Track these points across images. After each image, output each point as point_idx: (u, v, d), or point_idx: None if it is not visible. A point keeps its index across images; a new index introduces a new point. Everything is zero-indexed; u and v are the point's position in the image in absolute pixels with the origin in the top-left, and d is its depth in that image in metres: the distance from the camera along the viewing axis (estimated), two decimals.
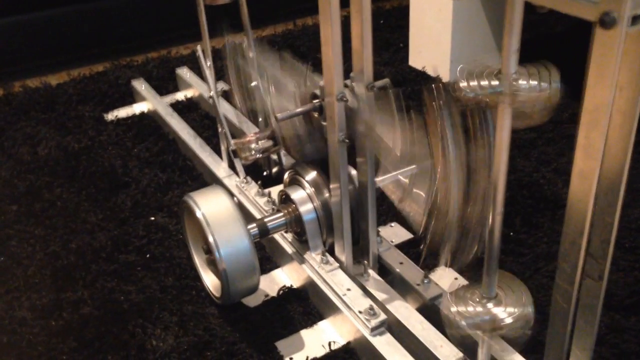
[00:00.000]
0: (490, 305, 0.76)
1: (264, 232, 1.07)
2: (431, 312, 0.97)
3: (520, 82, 0.62)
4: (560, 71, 0.62)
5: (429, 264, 1.12)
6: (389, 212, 1.26)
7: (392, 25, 2.11)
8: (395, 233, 1.20)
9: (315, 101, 0.98)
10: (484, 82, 0.65)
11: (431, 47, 1.78)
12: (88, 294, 1.11)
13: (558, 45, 1.84)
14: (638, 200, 1.24)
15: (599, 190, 0.58)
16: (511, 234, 1.18)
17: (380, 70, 1.82)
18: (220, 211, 1.00)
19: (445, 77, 1.76)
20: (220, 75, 1.36)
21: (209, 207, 1.00)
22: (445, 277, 1.06)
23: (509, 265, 1.11)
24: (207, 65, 1.26)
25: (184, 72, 1.79)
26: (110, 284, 1.13)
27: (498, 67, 0.64)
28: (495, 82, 0.63)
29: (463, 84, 0.64)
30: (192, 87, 1.73)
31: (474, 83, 0.65)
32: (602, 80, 0.52)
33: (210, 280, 1.08)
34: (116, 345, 1.01)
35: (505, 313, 0.75)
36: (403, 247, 1.14)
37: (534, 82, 0.61)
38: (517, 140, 1.45)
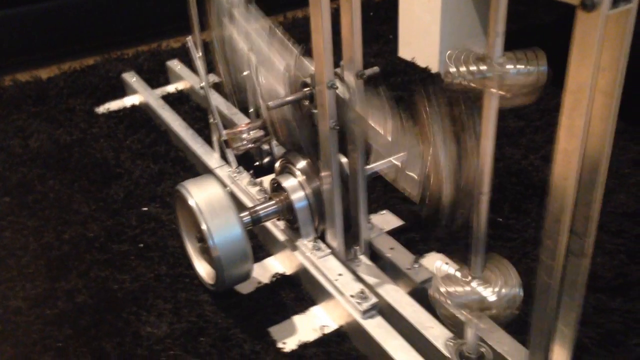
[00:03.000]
0: (478, 285, 0.77)
1: (257, 219, 1.08)
2: (422, 295, 0.98)
3: (507, 66, 0.63)
4: (549, 60, 0.64)
5: (420, 250, 1.14)
6: (379, 199, 1.28)
7: (382, 17, 2.12)
8: (386, 220, 1.22)
9: (305, 89, 0.99)
10: (472, 67, 0.66)
11: (420, 38, 1.79)
12: (82, 283, 1.12)
13: (546, 36, 1.86)
14: (624, 185, 1.26)
15: (582, 169, 0.60)
16: (500, 219, 1.20)
17: (370, 61, 1.83)
18: (213, 199, 1.01)
19: (435, 68, 1.77)
20: (211, 68, 1.37)
21: (202, 195, 1.01)
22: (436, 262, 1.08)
23: (497, 249, 1.12)
24: (197, 56, 1.27)
25: (175, 65, 1.80)
26: (104, 273, 1.14)
27: (485, 52, 0.65)
28: (482, 67, 0.65)
29: (452, 70, 0.66)
30: (183, 80, 1.73)
31: (462, 68, 0.66)
32: (584, 61, 0.54)
33: (203, 269, 1.09)
34: (111, 332, 1.02)
35: (492, 293, 0.76)
36: (394, 233, 1.16)
37: (520, 66, 0.63)
38: (506, 128, 1.47)
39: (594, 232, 0.62)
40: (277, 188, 1.11)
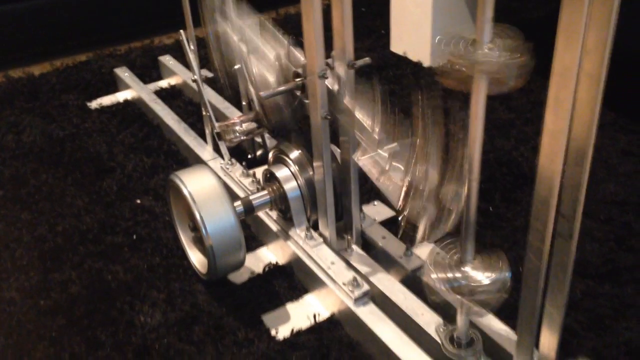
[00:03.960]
0: (468, 269, 0.79)
1: (249, 209, 1.09)
2: (414, 282, 0.99)
3: (495, 50, 0.64)
4: (540, 53, 0.65)
5: (412, 238, 1.15)
6: (371, 190, 1.29)
7: (374, 13, 2.14)
8: (378, 211, 1.23)
9: (297, 79, 1.00)
10: (460, 51, 0.67)
11: (412, 33, 1.80)
12: (76, 275, 1.13)
13: (537, 30, 1.87)
14: (613, 175, 1.27)
15: (569, 152, 0.61)
16: (490, 208, 1.21)
17: (363, 56, 1.84)
18: (206, 189, 1.02)
19: (426, 62, 1.78)
20: (204, 63, 1.37)
21: (195, 185, 1.02)
22: (428, 251, 1.09)
23: (488, 238, 1.14)
24: (190, 49, 1.28)
25: (167, 60, 1.80)
26: (97, 265, 1.14)
27: (473, 36, 0.66)
28: (471, 51, 0.66)
29: (442, 53, 0.67)
30: (176, 75, 1.74)
31: (450, 53, 0.67)
32: (570, 43, 0.55)
33: (196, 258, 1.10)
34: (105, 322, 1.03)
35: (483, 277, 0.78)
36: (386, 224, 1.17)
37: (508, 51, 0.64)
38: (497, 120, 1.48)
39: (580, 214, 0.63)
40: (270, 178, 1.12)
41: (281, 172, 1.09)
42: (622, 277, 1.05)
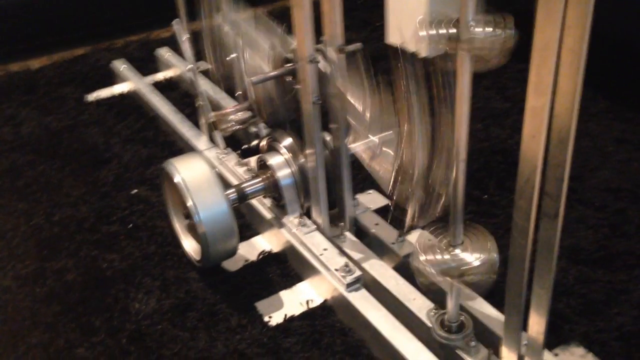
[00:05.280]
0: (457, 252, 0.79)
1: (243, 197, 1.09)
2: (406, 268, 1.00)
3: (477, 29, 0.65)
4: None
5: (402, 223, 1.15)
6: (366, 179, 1.29)
7: (371, 5, 2.14)
8: (373, 199, 1.23)
9: (288, 65, 1.00)
10: (443, 31, 0.68)
11: (408, 24, 1.80)
12: (72, 263, 1.13)
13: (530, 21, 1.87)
14: (608, 162, 1.27)
15: (552, 129, 0.61)
16: (485, 196, 1.21)
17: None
18: (199, 176, 1.02)
19: (423, 53, 1.78)
20: (199, 57, 1.38)
21: (188, 172, 1.02)
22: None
23: (482, 225, 1.13)
24: (184, 38, 1.28)
25: (164, 53, 1.81)
26: (93, 253, 1.15)
27: (456, 16, 0.66)
28: (453, 30, 0.66)
29: (422, 34, 0.67)
30: (172, 68, 1.74)
31: (433, 32, 0.68)
32: (550, 18, 0.55)
33: (190, 246, 1.10)
34: (99, 309, 1.03)
35: (472, 258, 0.78)
36: (380, 212, 1.17)
37: (489, 29, 0.64)
38: (492, 109, 1.48)
39: (565, 192, 0.64)
40: (263, 166, 1.12)
41: (274, 160, 1.10)
42: (615, 263, 1.05)
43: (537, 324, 0.74)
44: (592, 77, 1.71)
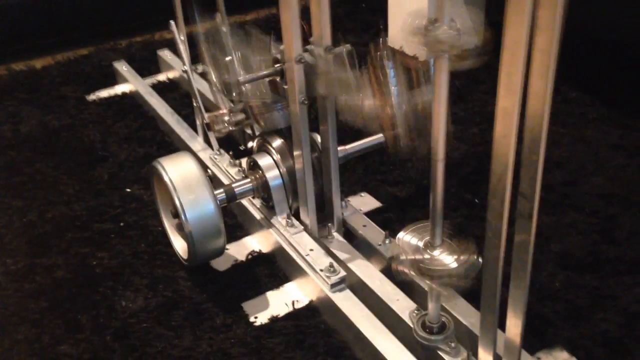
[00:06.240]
0: (436, 253, 0.79)
1: (232, 197, 1.10)
2: (392, 269, 0.99)
3: (455, 29, 0.65)
4: None
5: (395, 229, 1.15)
6: (359, 182, 1.29)
7: (374, 9, 2.14)
8: (364, 202, 1.23)
9: (276, 65, 1.00)
10: (422, 32, 0.68)
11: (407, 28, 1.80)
12: (62, 260, 1.14)
13: None
14: (602, 168, 1.26)
15: (525, 130, 0.61)
16: (476, 200, 1.21)
17: (361, 50, 1.84)
18: (187, 176, 1.02)
19: (422, 57, 1.78)
20: (197, 60, 1.39)
21: (176, 171, 1.03)
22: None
23: (472, 229, 1.13)
24: (180, 39, 1.29)
25: (166, 54, 1.82)
26: (84, 250, 1.16)
27: (434, 17, 0.67)
28: (431, 30, 0.66)
29: (402, 34, 0.67)
30: (173, 69, 1.75)
31: (410, 32, 0.68)
32: (519, 18, 0.55)
33: (179, 244, 1.11)
34: (86, 305, 1.04)
35: (451, 260, 0.78)
36: (371, 214, 1.17)
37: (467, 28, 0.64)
38: (488, 114, 1.48)
39: (539, 192, 0.63)
40: (253, 166, 1.13)
41: (264, 161, 1.10)
42: (603, 269, 1.04)
43: (514, 325, 0.74)
44: (591, 84, 1.70)
